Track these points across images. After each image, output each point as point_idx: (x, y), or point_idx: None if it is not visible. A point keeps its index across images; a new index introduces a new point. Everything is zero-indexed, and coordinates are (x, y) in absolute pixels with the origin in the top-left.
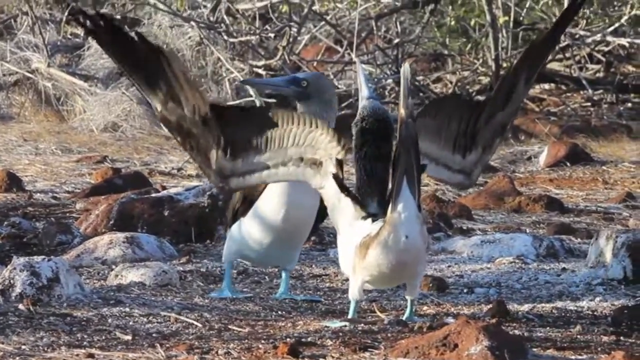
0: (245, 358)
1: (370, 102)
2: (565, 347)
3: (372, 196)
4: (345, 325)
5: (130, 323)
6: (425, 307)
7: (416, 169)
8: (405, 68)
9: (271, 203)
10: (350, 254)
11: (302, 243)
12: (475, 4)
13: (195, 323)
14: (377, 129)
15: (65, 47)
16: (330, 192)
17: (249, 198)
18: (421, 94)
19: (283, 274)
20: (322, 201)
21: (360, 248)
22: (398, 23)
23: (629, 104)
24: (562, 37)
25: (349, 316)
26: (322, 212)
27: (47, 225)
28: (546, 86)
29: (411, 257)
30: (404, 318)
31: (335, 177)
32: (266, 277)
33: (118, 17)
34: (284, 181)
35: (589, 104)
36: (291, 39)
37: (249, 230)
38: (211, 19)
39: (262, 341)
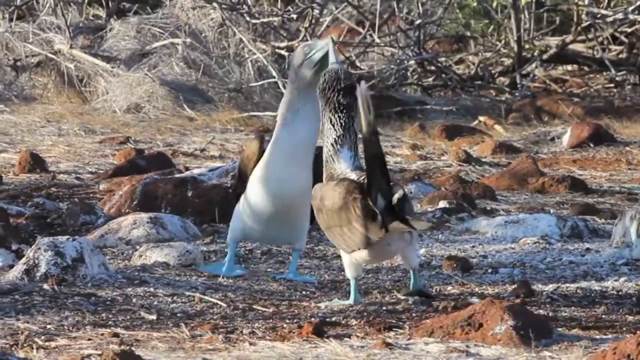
0: (269, 338)
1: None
2: (590, 327)
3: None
4: (351, 305)
5: (155, 303)
6: (449, 287)
7: (385, 182)
8: (362, 87)
9: (262, 181)
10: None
11: (302, 222)
12: None
13: (220, 303)
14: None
15: (87, 29)
16: None
17: (243, 176)
18: (444, 75)
19: (293, 254)
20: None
21: None
22: (420, 4)
23: None
24: (585, 17)
25: (351, 294)
26: None
27: (70, 206)
28: (569, 67)
29: (394, 254)
30: (410, 288)
31: None
32: (290, 257)
33: None
34: None
35: (612, 85)
36: (313, 20)
37: (247, 209)
38: (233, 0)
39: (287, 321)
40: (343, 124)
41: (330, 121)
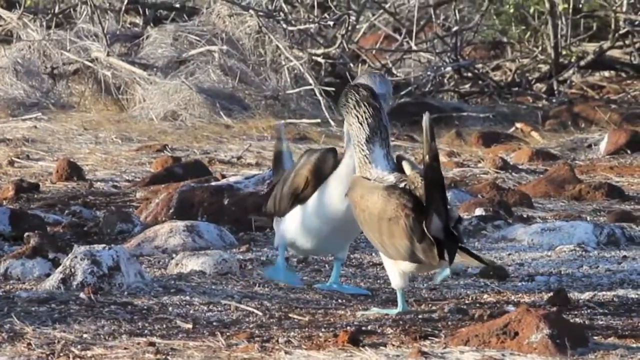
0: (305, 346)
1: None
2: (626, 335)
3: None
4: (398, 314)
5: (191, 311)
6: (485, 295)
7: (442, 205)
8: (426, 117)
9: (337, 190)
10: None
11: (354, 235)
12: None
13: (256, 311)
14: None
15: (124, 36)
16: None
17: (313, 183)
18: (480, 82)
19: (335, 264)
20: None
21: None
22: (457, 11)
23: None
24: (622, 24)
25: (399, 304)
26: None
27: (107, 214)
28: (606, 74)
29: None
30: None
31: None
32: (326, 265)
33: (177, 6)
34: None
35: None
36: (350, 27)
37: (308, 218)
38: (270, 7)
39: (323, 329)
40: (372, 122)
41: (358, 120)
